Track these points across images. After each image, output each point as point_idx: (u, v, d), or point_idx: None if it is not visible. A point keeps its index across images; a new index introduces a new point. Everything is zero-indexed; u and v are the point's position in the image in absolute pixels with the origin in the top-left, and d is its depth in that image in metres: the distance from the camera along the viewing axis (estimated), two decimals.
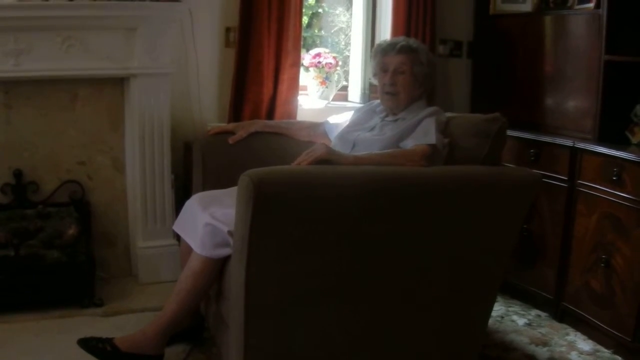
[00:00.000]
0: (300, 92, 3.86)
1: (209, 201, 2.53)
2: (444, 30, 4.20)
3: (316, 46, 4.43)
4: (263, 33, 3.61)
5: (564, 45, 3.46)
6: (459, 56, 4.32)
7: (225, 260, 2.38)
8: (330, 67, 4.04)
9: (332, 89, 4.10)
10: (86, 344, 2.48)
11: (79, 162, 3.42)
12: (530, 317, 3.36)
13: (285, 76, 3.72)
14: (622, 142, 3.10)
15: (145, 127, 3.36)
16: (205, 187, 2.88)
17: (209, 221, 2.37)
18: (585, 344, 3.06)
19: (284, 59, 3.70)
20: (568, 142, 3.18)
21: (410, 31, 3.91)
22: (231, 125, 3.09)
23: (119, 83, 3.39)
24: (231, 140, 2.94)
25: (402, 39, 2.82)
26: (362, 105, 3.26)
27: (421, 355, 2.49)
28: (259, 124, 3.06)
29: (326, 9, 4.60)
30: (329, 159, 2.25)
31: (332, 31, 4.61)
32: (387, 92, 2.74)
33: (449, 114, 2.73)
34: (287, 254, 2.08)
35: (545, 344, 3.06)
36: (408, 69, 2.71)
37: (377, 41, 4.01)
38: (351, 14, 4.34)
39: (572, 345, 3.05)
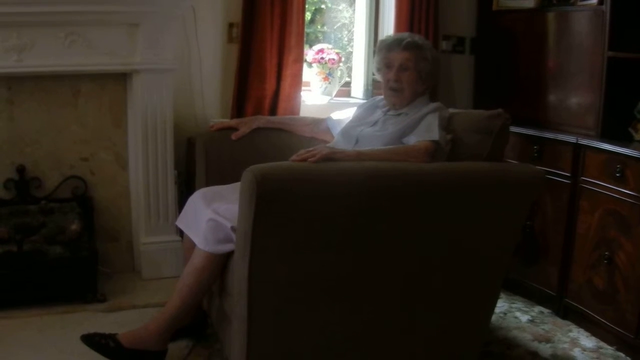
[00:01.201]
0: (303, 88, 3.85)
1: (212, 197, 2.53)
2: (446, 26, 4.19)
3: (319, 42, 4.42)
4: (266, 29, 3.60)
5: (567, 42, 3.45)
6: (461, 52, 4.32)
7: (228, 256, 2.37)
8: (333, 63, 4.04)
9: (335, 85, 4.10)
10: (89, 339, 2.48)
11: (82, 157, 3.42)
12: (533, 314, 3.35)
13: (288, 72, 3.72)
14: (625, 139, 3.09)
15: (148, 123, 3.36)
16: (208, 182, 2.88)
17: (212, 217, 2.37)
18: (588, 341, 3.06)
19: (287, 55, 3.70)
20: (571, 139, 3.18)
21: (413, 27, 3.91)
22: (234, 121, 3.10)
23: (121, 79, 3.39)
24: (234, 136, 2.95)
25: (407, 35, 2.81)
26: (365, 101, 3.26)
27: (424, 352, 2.49)
28: (262, 120, 3.07)
29: (329, 4, 4.59)
30: (332, 157, 2.26)
31: (335, 27, 4.60)
32: (391, 88, 2.74)
33: (451, 110, 2.72)
34: (290, 249, 2.08)
35: (548, 340, 3.06)
36: (413, 66, 2.71)
37: (380, 37, 4.02)
38: (354, 10, 4.33)
39: (574, 342, 3.05)
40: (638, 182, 2.79)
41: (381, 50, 2.81)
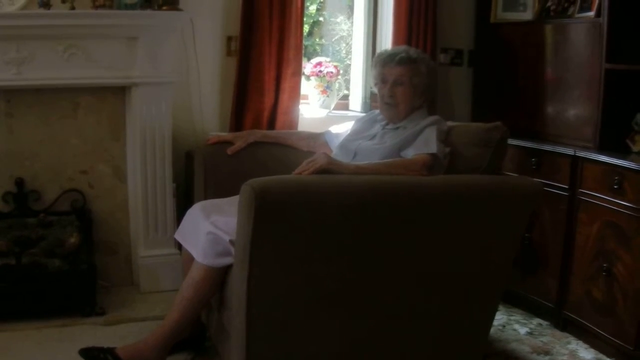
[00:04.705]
0: (301, 101, 3.86)
1: (210, 210, 2.53)
2: (444, 39, 4.20)
3: (317, 55, 4.43)
4: (264, 42, 3.61)
5: (565, 54, 3.47)
6: (460, 65, 4.32)
7: (226, 269, 2.37)
8: (331, 76, 4.05)
9: (333, 98, 4.11)
10: (88, 353, 2.48)
11: (81, 170, 3.42)
12: (531, 326, 3.35)
13: (286, 85, 3.73)
14: (622, 151, 3.10)
15: (147, 136, 3.36)
16: (206, 195, 2.88)
17: (210, 230, 2.37)
18: (586, 353, 3.06)
19: (285, 68, 3.71)
20: (569, 151, 3.18)
21: (411, 40, 3.92)
22: (230, 135, 3.09)
23: (120, 92, 3.40)
24: (229, 150, 2.94)
25: (402, 50, 2.81)
26: (363, 114, 3.26)
27: None
28: (258, 134, 3.06)
29: (327, 17, 4.60)
30: (330, 169, 2.26)
31: (333, 40, 4.62)
32: (386, 102, 2.74)
33: (450, 123, 2.73)
34: (289, 263, 2.08)
35: (546, 352, 3.05)
36: (407, 81, 2.71)
37: (378, 50, 4.03)
38: (352, 23, 4.34)
39: (573, 354, 3.05)
40: (636, 194, 2.80)
41: (377, 65, 2.82)
